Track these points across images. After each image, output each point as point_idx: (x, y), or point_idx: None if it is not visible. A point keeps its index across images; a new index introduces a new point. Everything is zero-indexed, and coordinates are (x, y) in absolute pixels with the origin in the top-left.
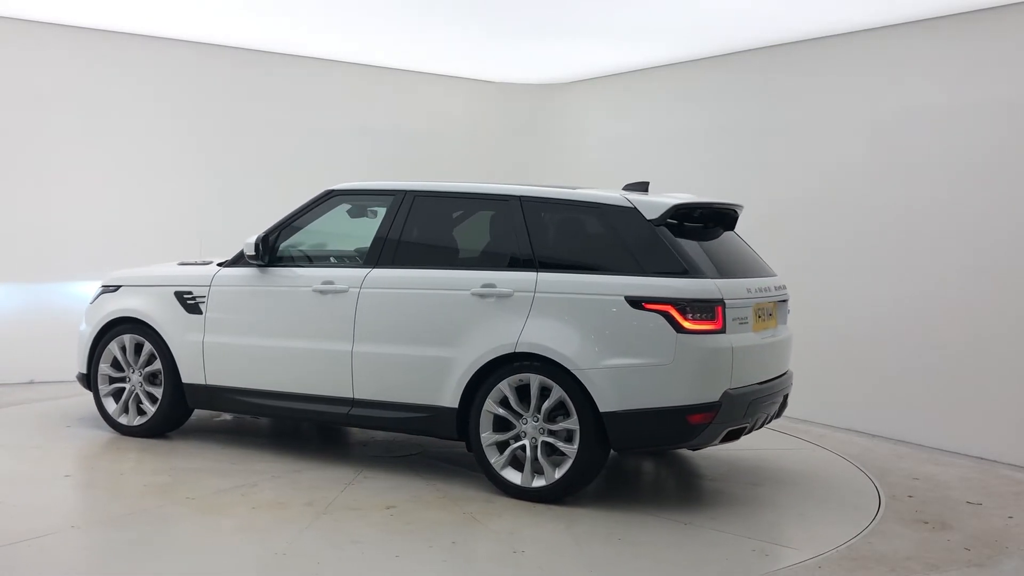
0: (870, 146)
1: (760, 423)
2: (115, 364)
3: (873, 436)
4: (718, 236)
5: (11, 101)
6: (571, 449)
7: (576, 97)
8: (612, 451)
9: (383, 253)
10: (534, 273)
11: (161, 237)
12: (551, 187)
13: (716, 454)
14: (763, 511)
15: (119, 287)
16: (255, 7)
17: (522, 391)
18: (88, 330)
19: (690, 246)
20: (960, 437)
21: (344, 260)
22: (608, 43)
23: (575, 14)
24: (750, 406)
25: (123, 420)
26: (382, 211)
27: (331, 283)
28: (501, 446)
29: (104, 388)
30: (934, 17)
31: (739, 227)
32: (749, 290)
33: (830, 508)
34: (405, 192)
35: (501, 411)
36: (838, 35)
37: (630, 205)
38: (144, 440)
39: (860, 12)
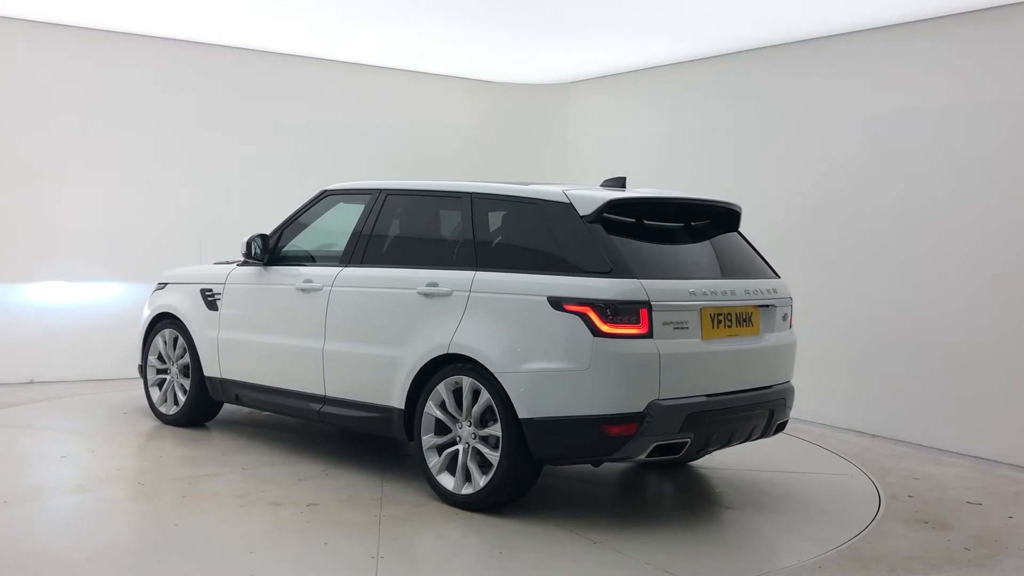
0: (870, 146)
1: (725, 439)
2: (160, 357)
3: (873, 436)
4: (709, 236)
5: (11, 101)
6: (495, 456)
7: (576, 97)
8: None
9: (355, 252)
10: (472, 272)
11: (162, 236)
12: (502, 184)
13: (728, 469)
14: (698, 537)
15: (166, 284)
16: (255, 7)
17: (460, 394)
18: (141, 324)
19: (628, 244)
20: (960, 437)
21: (327, 259)
22: (608, 43)
23: (575, 14)
24: (690, 420)
25: (163, 409)
26: None
27: (310, 281)
28: (442, 450)
29: (152, 378)
30: (934, 17)
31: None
32: (693, 292)
33: (830, 507)
34: (379, 191)
35: (439, 414)
36: (838, 35)
37: (566, 201)
38: (179, 428)
39: (859, 12)
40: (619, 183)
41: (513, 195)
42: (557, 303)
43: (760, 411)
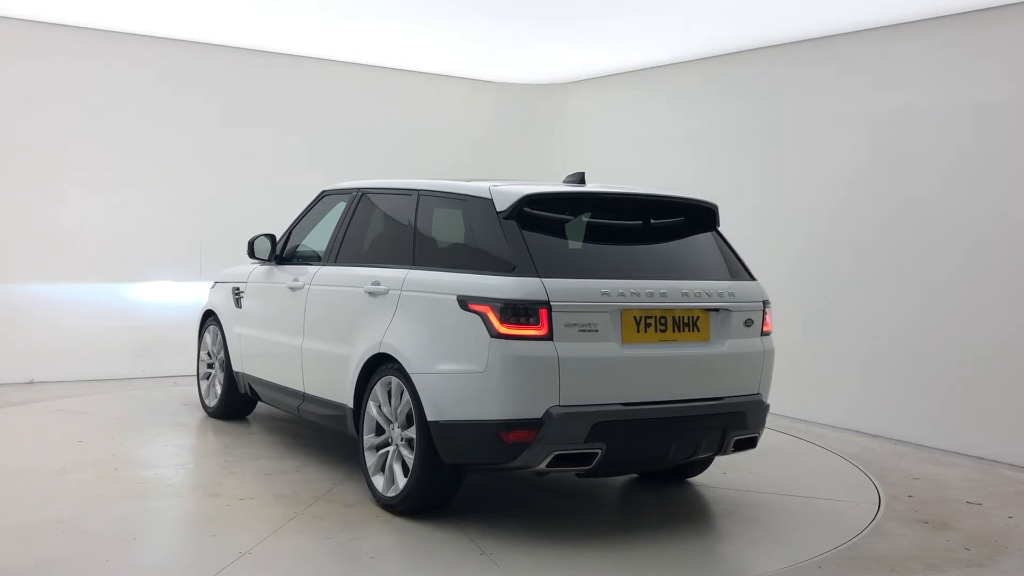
0: (870, 146)
1: (659, 453)
2: (208, 352)
3: (873, 436)
4: (670, 235)
5: (11, 101)
6: (411, 459)
7: (576, 97)
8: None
9: (332, 251)
10: (407, 270)
11: (162, 236)
12: (445, 181)
13: (719, 485)
14: (641, 550)
15: (216, 283)
16: (255, 7)
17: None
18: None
19: (542, 242)
20: (960, 437)
21: (317, 258)
22: (608, 43)
23: (575, 14)
24: (598, 429)
25: (207, 402)
26: None
27: (297, 280)
28: (379, 450)
29: (201, 372)
30: (934, 17)
31: (738, 227)
32: (607, 293)
33: (830, 508)
34: (357, 190)
35: (376, 414)
36: (838, 35)
37: (488, 197)
38: (220, 421)
39: (859, 12)
40: (578, 179)
41: (447, 191)
42: (463, 302)
43: (707, 424)
